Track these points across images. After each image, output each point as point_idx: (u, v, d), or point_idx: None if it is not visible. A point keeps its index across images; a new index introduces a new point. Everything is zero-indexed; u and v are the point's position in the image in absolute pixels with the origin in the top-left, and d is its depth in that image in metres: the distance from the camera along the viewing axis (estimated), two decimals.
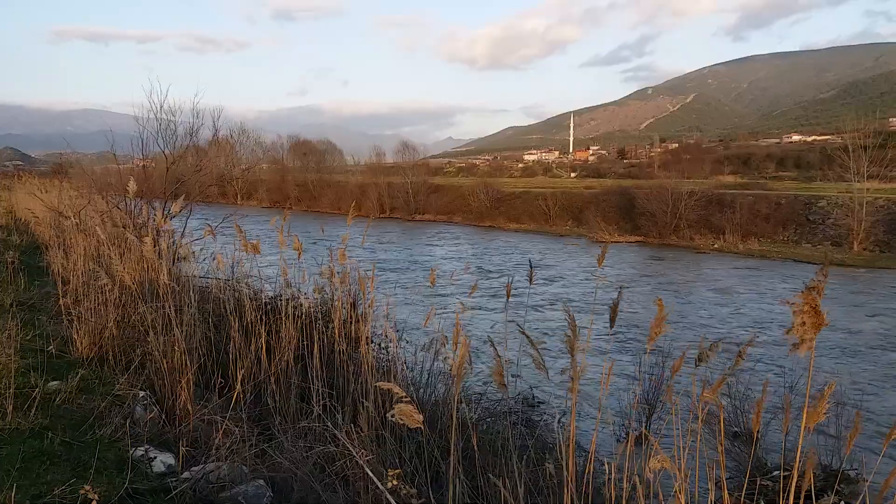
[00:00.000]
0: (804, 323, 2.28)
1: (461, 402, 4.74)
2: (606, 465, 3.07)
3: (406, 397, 2.77)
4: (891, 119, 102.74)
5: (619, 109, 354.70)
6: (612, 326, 3.26)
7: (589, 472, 3.05)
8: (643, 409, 7.42)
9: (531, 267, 4.70)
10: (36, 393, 4.24)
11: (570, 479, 3.00)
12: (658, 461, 2.56)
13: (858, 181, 32.72)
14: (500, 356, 3.20)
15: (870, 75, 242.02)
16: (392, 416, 2.73)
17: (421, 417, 2.72)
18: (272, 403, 5.11)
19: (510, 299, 4.67)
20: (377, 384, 2.86)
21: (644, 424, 7.20)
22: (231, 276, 7.16)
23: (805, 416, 2.41)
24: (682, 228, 35.90)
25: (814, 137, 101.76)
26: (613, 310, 3.20)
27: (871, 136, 34.96)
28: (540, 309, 17.35)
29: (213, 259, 7.09)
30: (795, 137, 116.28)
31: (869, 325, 16.91)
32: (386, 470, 3.43)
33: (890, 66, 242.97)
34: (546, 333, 13.43)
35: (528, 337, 3.28)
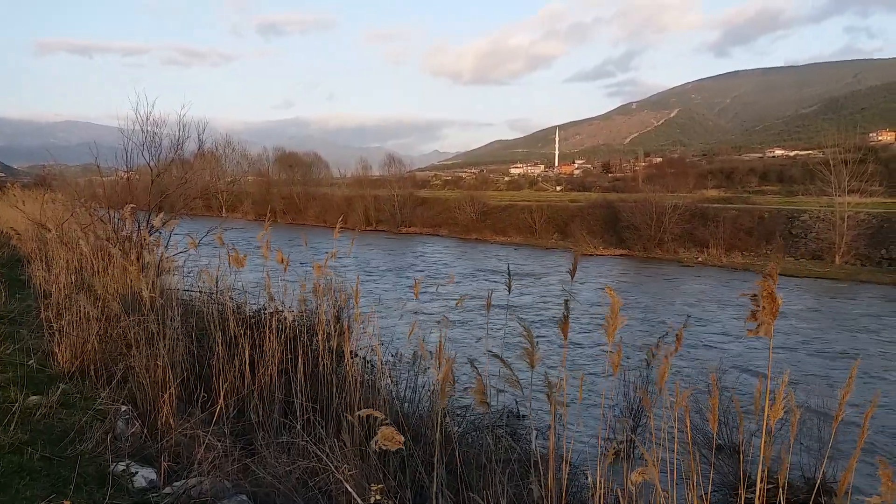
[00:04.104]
0: (763, 307, 2.37)
1: (445, 417, 4.74)
2: (589, 478, 3.09)
3: (387, 420, 2.77)
4: (871, 134, 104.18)
5: (604, 124, 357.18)
6: (564, 339, 3.30)
7: (565, 483, 3.06)
8: (626, 422, 7.44)
9: (509, 276, 4.73)
10: (16, 407, 4.19)
11: (551, 493, 3.00)
12: (639, 473, 2.57)
13: (840, 195, 33.16)
14: (480, 375, 3.21)
15: (850, 91, 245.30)
16: (376, 441, 2.73)
17: (402, 438, 2.72)
18: (255, 418, 5.08)
19: (503, 308, 4.69)
20: (359, 413, 2.86)
21: (627, 438, 7.21)
22: (215, 290, 7.12)
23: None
24: (667, 242, 36.17)
25: (796, 152, 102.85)
26: (564, 323, 3.25)
27: (852, 151, 35.52)
28: (524, 319, 17.36)
29: (197, 272, 7.06)
30: (778, 152, 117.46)
31: (851, 337, 17.06)
32: (369, 485, 3.41)
33: (870, 82, 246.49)
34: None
35: (500, 359, 3.30)
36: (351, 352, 5.41)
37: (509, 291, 4.87)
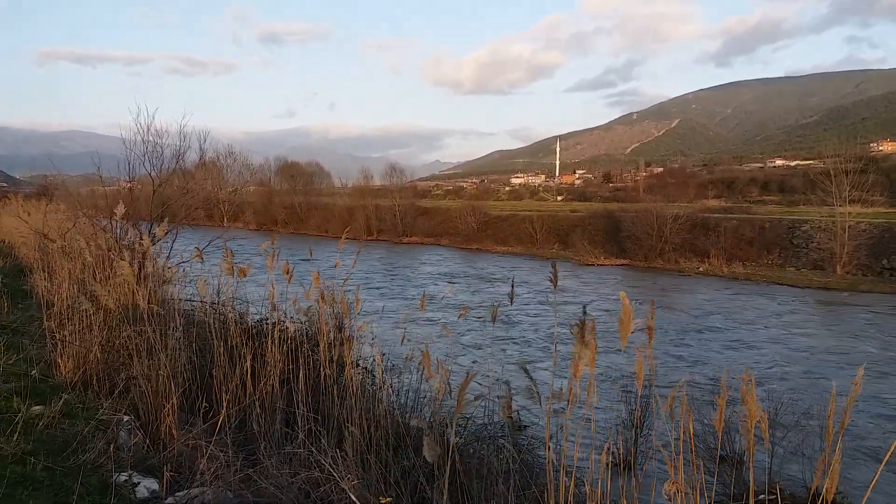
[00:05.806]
0: None
1: (446, 427, 4.75)
2: (590, 487, 3.09)
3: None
4: (872, 144, 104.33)
5: (605, 134, 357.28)
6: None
7: (571, 494, 3.07)
8: (629, 433, 7.43)
9: (512, 287, 4.75)
10: (19, 418, 4.20)
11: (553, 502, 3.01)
12: (672, 483, 2.58)
13: (841, 205, 33.17)
14: (511, 393, 3.21)
15: (851, 101, 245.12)
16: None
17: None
18: (257, 428, 5.08)
19: (505, 317, 4.70)
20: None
21: (630, 448, 7.21)
22: (217, 300, 7.13)
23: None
24: (668, 252, 36.17)
25: (797, 162, 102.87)
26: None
27: (853, 161, 35.56)
28: (522, 328, 17.38)
29: (199, 282, 7.07)
30: (779, 162, 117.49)
31: (853, 346, 17.05)
32: (371, 495, 3.42)
33: (871, 92, 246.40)
34: (524, 355, 13.45)
35: (526, 371, 3.31)
36: (352, 362, 5.42)
37: (511, 303, 4.89)
